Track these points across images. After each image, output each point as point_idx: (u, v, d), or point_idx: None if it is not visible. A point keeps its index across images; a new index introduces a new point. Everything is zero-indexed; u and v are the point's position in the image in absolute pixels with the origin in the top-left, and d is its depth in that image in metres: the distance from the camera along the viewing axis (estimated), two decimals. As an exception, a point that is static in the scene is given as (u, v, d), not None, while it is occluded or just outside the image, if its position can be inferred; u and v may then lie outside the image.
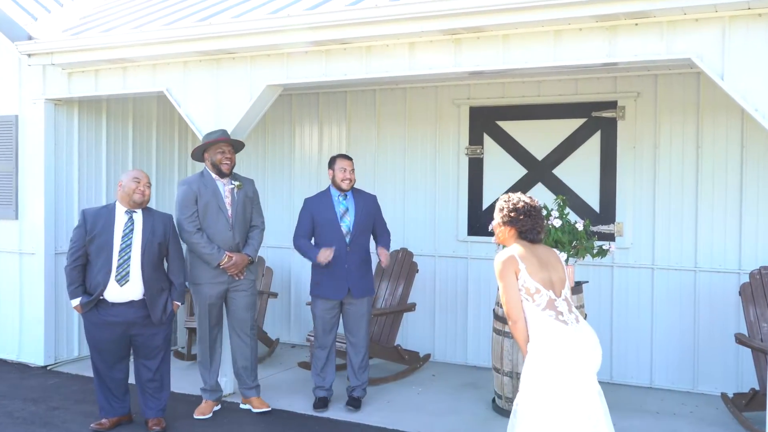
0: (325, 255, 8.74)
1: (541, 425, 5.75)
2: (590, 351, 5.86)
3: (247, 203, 8.82)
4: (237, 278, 8.67)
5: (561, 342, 5.78)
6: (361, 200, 9.04)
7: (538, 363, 5.80)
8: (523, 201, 6.16)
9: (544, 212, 8.36)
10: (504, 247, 6.26)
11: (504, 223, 6.15)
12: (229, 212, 8.65)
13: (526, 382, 5.85)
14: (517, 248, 5.99)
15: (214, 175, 8.71)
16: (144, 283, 7.96)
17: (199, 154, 8.86)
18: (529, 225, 6.08)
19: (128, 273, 7.89)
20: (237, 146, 8.93)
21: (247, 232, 8.85)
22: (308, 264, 9.27)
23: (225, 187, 8.70)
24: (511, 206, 6.15)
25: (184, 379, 9.84)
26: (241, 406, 9.06)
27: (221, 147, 8.69)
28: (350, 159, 9.04)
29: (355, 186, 9.09)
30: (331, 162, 9.04)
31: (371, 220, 9.08)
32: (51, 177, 10.70)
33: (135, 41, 9.45)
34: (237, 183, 8.72)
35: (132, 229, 7.99)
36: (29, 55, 10.30)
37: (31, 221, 10.85)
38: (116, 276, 7.86)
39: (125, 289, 7.89)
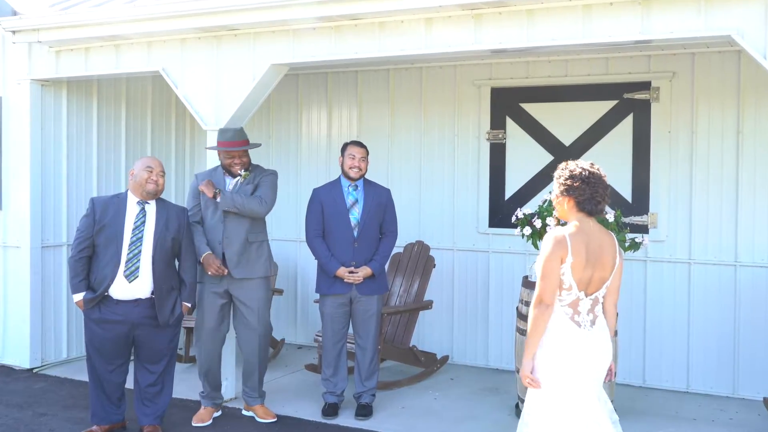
0: (345, 275, 8.86)
1: (548, 425, 5.86)
2: (597, 357, 5.92)
3: (249, 192, 8.70)
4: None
5: (569, 343, 5.84)
6: (372, 192, 9.08)
7: (545, 361, 5.88)
8: (581, 167, 5.98)
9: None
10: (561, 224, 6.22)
11: (561, 193, 6.00)
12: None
13: (544, 383, 5.92)
14: (572, 231, 5.85)
15: (224, 171, 8.80)
16: (154, 280, 7.97)
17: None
18: (588, 194, 5.89)
19: (138, 268, 7.90)
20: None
21: (248, 227, 8.76)
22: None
23: (231, 181, 8.72)
24: (567, 174, 5.99)
25: (182, 383, 9.82)
26: (244, 413, 9.09)
27: (230, 153, 8.68)
28: (363, 147, 9.09)
29: (367, 177, 9.14)
30: (343, 148, 9.10)
31: (381, 213, 9.10)
32: (37, 164, 10.73)
33: (128, 17, 9.49)
34: (243, 173, 8.72)
35: (144, 221, 8.00)
36: (14, 32, 10.32)
37: (15, 212, 10.88)
38: (125, 271, 7.87)
39: (133, 285, 7.90)
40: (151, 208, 8.09)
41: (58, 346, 11.10)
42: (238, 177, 8.71)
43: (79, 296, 7.96)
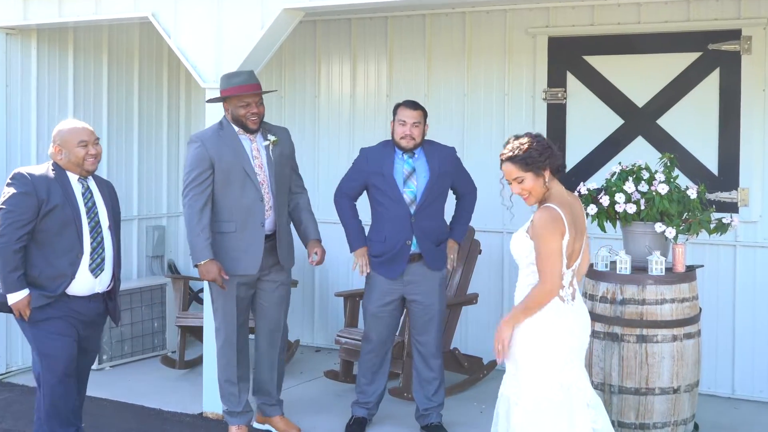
0: (363, 265, 8.86)
1: (543, 408, 6.41)
2: (582, 331, 6.61)
3: (285, 163, 8.75)
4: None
5: (557, 319, 6.45)
6: (435, 157, 8.91)
7: (535, 340, 6.46)
8: (530, 135, 6.69)
9: (646, 174, 8.47)
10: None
11: (541, 167, 6.62)
12: (260, 178, 8.55)
13: (532, 366, 6.46)
14: (559, 203, 6.54)
15: (237, 129, 8.59)
16: (114, 269, 7.83)
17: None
18: (562, 157, 6.79)
19: (103, 260, 7.70)
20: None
21: (286, 203, 8.85)
22: (339, 240, 9.40)
23: (252, 144, 8.60)
24: (537, 145, 6.60)
25: (176, 392, 9.87)
26: (256, 425, 9.10)
27: (244, 99, 8.51)
28: (418, 108, 8.88)
29: (426, 138, 8.99)
30: (395, 110, 8.95)
31: (448, 183, 8.99)
32: (2, 127, 10.79)
33: (112, -49, 9.55)
34: (272, 138, 8.64)
35: (94, 202, 7.77)
36: (-27, -29, 10.40)
37: (-25, 186, 10.88)
38: (90, 264, 7.62)
39: (98, 279, 7.68)
40: (92, 185, 7.85)
41: (26, 350, 11.02)
42: (268, 143, 8.63)
43: (20, 294, 7.46)
